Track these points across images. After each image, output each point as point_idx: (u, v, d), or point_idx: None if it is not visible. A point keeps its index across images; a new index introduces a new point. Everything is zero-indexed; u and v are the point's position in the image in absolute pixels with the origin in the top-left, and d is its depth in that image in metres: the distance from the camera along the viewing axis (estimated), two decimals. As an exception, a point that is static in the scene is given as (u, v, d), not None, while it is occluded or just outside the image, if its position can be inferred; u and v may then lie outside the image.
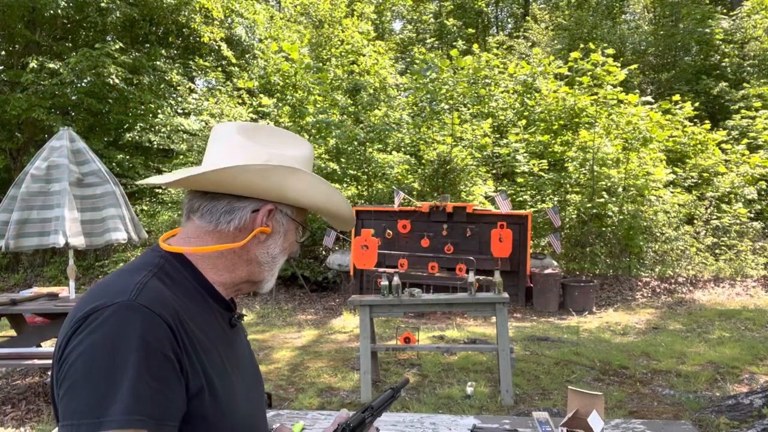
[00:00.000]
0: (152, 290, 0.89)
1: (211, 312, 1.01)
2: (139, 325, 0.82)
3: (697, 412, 4.07)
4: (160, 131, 12.26)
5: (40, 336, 5.06)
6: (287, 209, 1.06)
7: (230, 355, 1.01)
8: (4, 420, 4.25)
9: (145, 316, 0.84)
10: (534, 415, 1.91)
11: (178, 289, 0.95)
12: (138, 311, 0.84)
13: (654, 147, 10.67)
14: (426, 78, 12.48)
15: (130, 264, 0.98)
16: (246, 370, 1.07)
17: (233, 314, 1.07)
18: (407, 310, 4.93)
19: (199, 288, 1.00)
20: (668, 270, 10.12)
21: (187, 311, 0.93)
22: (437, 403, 4.43)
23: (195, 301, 0.97)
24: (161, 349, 0.83)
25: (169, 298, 0.90)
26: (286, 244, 1.07)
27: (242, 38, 14.96)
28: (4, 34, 12.95)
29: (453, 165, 10.49)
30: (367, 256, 7.45)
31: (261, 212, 1.02)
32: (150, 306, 0.85)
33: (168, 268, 0.97)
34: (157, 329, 0.84)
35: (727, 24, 15.69)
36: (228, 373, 0.97)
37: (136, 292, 0.86)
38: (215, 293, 1.02)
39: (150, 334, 0.83)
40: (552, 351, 5.90)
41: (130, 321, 0.82)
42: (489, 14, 24.15)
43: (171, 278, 0.96)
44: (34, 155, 5.08)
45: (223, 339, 1.01)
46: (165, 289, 0.91)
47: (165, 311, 0.86)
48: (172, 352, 0.85)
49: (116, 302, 0.84)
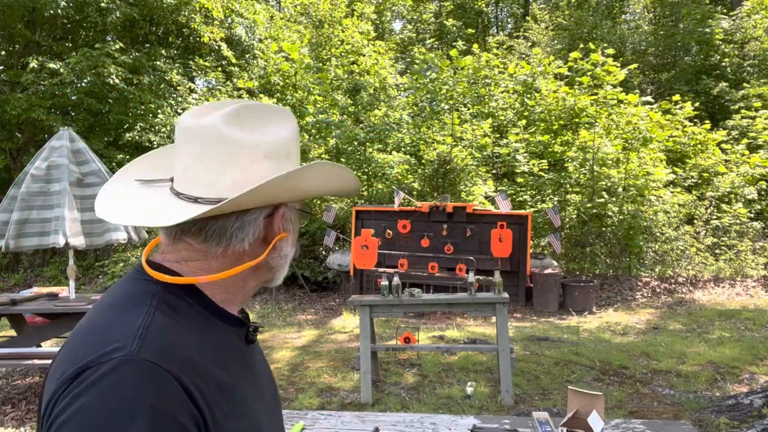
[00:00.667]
0: (158, 336, 0.74)
1: (225, 336, 0.87)
2: (145, 387, 0.68)
3: (697, 412, 4.07)
4: (160, 131, 12.26)
5: (40, 336, 5.07)
6: (296, 203, 0.94)
7: (250, 380, 0.89)
8: (4, 420, 4.25)
9: (152, 375, 0.69)
10: (534, 415, 1.91)
11: (182, 320, 0.80)
12: (143, 369, 0.69)
13: (654, 147, 10.68)
14: (426, 78, 12.49)
15: (121, 293, 0.82)
16: (265, 391, 0.95)
17: (248, 329, 0.94)
18: (407, 310, 4.93)
19: (206, 313, 0.85)
20: (668, 270, 10.12)
21: (201, 350, 0.79)
22: (437, 403, 4.43)
23: (206, 331, 0.83)
24: (173, 414, 0.68)
25: (178, 341, 0.76)
26: (294, 236, 0.94)
27: (242, 38, 14.96)
28: (4, 34, 12.95)
29: (453, 165, 10.50)
30: (367, 256, 7.46)
31: (276, 218, 0.89)
32: (157, 360, 0.70)
33: (167, 296, 0.81)
34: (168, 391, 0.69)
35: (727, 24, 15.70)
36: (252, 407, 0.86)
37: (138, 342, 0.71)
38: (223, 312, 0.87)
39: (158, 397, 0.68)
40: (552, 351, 5.90)
41: (132, 382, 0.68)
42: (489, 14, 24.15)
43: (174, 309, 0.80)
44: (34, 155, 5.09)
45: (242, 364, 0.89)
46: (171, 329, 0.77)
47: (176, 364, 0.71)
48: (188, 415, 0.70)
49: (114, 357, 0.69)
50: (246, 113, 0.86)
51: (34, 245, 4.70)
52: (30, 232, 4.68)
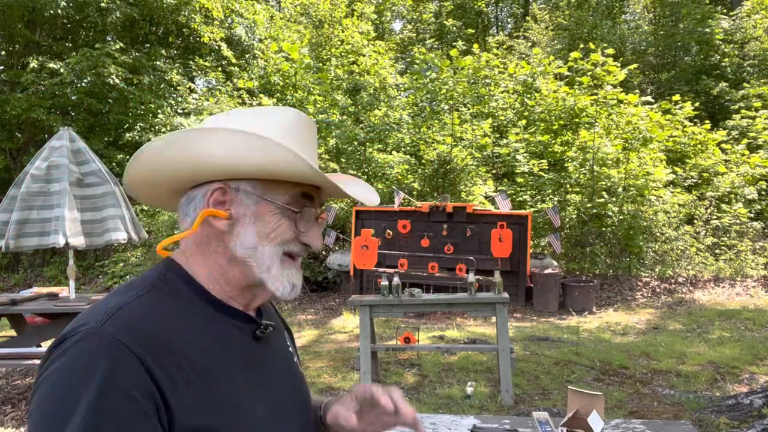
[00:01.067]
0: (130, 315, 0.77)
1: (223, 328, 0.87)
2: (100, 358, 0.71)
3: (697, 412, 4.07)
4: (160, 131, 12.26)
5: (40, 336, 5.07)
6: (246, 185, 0.87)
7: (251, 375, 0.88)
8: (4, 420, 4.25)
9: (106, 347, 0.72)
10: (534, 415, 1.91)
11: (175, 308, 0.83)
12: (101, 341, 0.72)
13: (654, 147, 10.68)
14: (426, 78, 12.49)
15: (132, 279, 0.88)
16: (276, 389, 0.93)
17: (257, 325, 0.93)
18: (407, 310, 4.93)
19: (201, 302, 0.87)
20: (668, 270, 10.12)
21: (184, 334, 0.81)
22: (437, 403, 4.43)
23: (198, 319, 0.85)
24: (123, 388, 0.70)
25: (149, 322, 0.78)
26: (264, 229, 0.87)
27: (242, 38, 14.96)
28: (4, 34, 12.96)
29: (453, 165, 10.50)
30: (367, 256, 7.45)
31: (207, 194, 0.87)
32: (117, 334, 0.73)
33: (164, 285, 0.85)
34: (122, 363, 0.71)
35: (727, 24, 15.70)
36: (241, 397, 0.84)
37: (106, 318, 0.75)
38: (222, 304, 0.89)
39: (111, 369, 0.70)
40: (552, 351, 5.90)
41: (90, 352, 0.72)
42: (489, 14, 24.15)
43: (168, 296, 0.84)
44: (34, 155, 5.08)
45: (242, 357, 0.88)
46: (150, 312, 0.79)
47: (135, 339, 0.74)
48: (140, 390, 0.71)
49: (83, 329, 0.74)
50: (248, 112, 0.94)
51: (34, 245, 4.70)
52: (30, 232, 4.68)
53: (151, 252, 10.69)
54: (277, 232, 0.88)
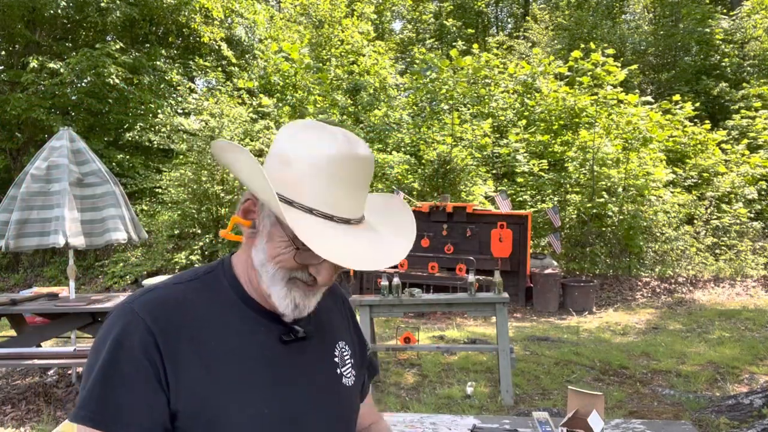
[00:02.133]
0: (155, 295, 0.90)
1: (248, 323, 0.92)
2: (118, 327, 0.85)
3: (697, 412, 4.07)
4: (160, 131, 12.26)
5: (40, 336, 5.06)
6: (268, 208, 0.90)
7: (266, 374, 0.91)
8: (4, 420, 4.25)
9: (126, 318, 0.86)
10: (534, 415, 1.91)
11: (210, 300, 0.92)
12: (124, 314, 0.86)
13: (654, 147, 10.68)
14: (426, 78, 12.49)
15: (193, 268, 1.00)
16: (298, 394, 0.93)
17: (288, 329, 0.94)
18: (407, 310, 4.93)
19: (235, 297, 0.94)
20: (668, 270, 10.12)
21: (204, 321, 0.89)
22: (437, 403, 4.43)
23: (229, 313, 0.92)
24: (132, 351, 0.83)
25: (176, 308, 0.89)
26: (272, 251, 0.88)
27: (242, 38, 14.96)
28: (4, 34, 12.95)
29: (453, 165, 10.50)
30: (367, 256, 7.42)
31: (241, 202, 0.94)
32: (137, 309, 0.86)
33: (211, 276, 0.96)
34: (134, 332, 0.84)
35: (727, 24, 15.70)
36: (243, 391, 0.87)
37: (138, 296, 0.89)
38: (253, 302, 0.94)
39: (125, 336, 0.84)
40: (552, 351, 5.90)
41: (114, 323, 0.86)
42: (489, 14, 24.16)
43: (209, 286, 0.94)
44: (34, 155, 5.08)
45: (264, 356, 0.91)
46: (179, 299, 0.90)
47: (151, 316, 0.85)
48: (147, 357, 0.83)
49: (120, 304, 0.89)
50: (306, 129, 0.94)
51: (34, 245, 4.69)
52: (30, 232, 4.68)
53: (151, 252, 10.69)
54: (283, 260, 0.88)
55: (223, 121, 11.03)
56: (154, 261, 10.32)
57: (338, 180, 0.85)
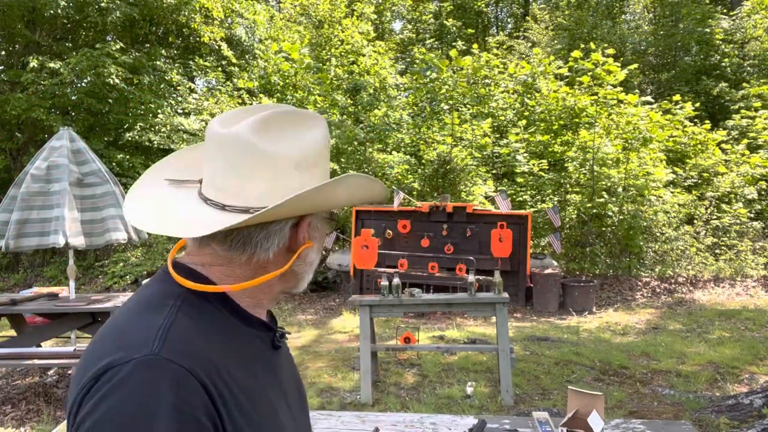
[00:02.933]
0: (179, 336, 0.73)
1: (251, 341, 0.86)
2: (167, 387, 0.67)
3: (697, 412, 4.07)
4: (160, 131, 12.26)
5: (40, 336, 5.07)
6: (324, 212, 0.93)
7: (275, 387, 0.88)
8: (4, 420, 4.25)
9: (173, 375, 0.68)
10: (534, 415, 1.91)
11: (206, 322, 0.79)
12: (164, 369, 0.68)
13: (654, 147, 10.68)
14: (426, 78, 12.50)
15: (147, 294, 0.82)
16: (292, 398, 0.94)
17: (275, 333, 0.92)
18: (407, 310, 4.93)
19: (231, 317, 0.84)
20: (668, 270, 10.12)
21: (225, 352, 0.78)
22: (437, 403, 4.43)
23: (231, 335, 0.82)
24: (194, 414, 0.68)
25: (200, 342, 0.75)
26: (320, 244, 0.95)
27: (242, 38, 14.96)
28: (4, 34, 12.95)
29: (453, 165, 10.50)
30: (367, 256, 7.46)
31: (302, 228, 0.88)
32: (178, 360, 0.70)
33: (191, 298, 0.80)
34: (189, 390, 0.68)
35: (727, 24, 15.71)
36: (277, 413, 0.84)
37: (159, 343, 0.71)
38: (249, 316, 0.87)
39: (180, 397, 0.67)
40: (552, 351, 5.90)
41: (154, 382, 0.67)
42: (489, 14, 24.16)
43: (197, 309, 0.80)
44: (34, 155, 5.09)
45: (268, 369, 0.88)
46: (193, 330, 0.76)
47: (197, 364, 0.71)
48: (208, 416, 0.69)
49: (135, 357, 0.69)
50: (275, 120, 0.85)
51: (34, 245, 4.70)
52: (30, 232, 4.68)
53: (151, 252, 10.69)
54: (322, 243, 0.97)
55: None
56: (154, 261, 10.33)
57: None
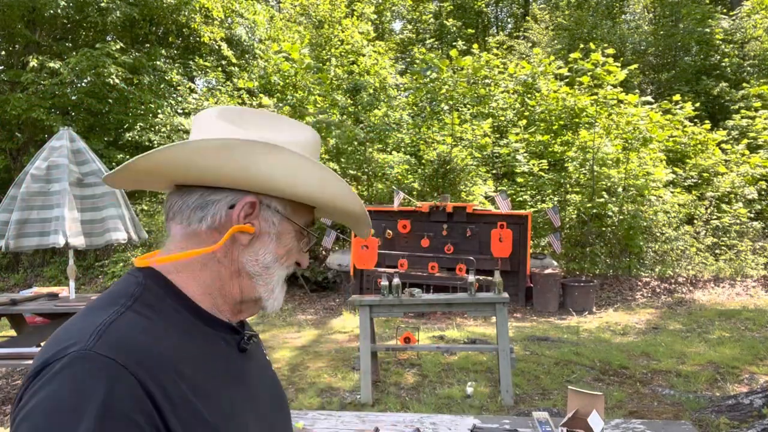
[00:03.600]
0: (118, 333, 0.71)
1: (211, 342, 0.84)
2: (97, 383, 0.65)
3: (697, 412, 4.07)
4: (160, 131, 12.26)
5: (40, 336, 5.07)
6: (277, 204, 0.86)
7: (241, 390, 0.85)
8: (4, 420, 4.25)
9: (103, 370, 0.66)
10: (534, 415, 1.91)
11: (161, 322, 0.77)
12: (94, 362, 0.66)
13: (654, 147, 10.68)
14: (426, 78, 12.50)
15: (104, 296, 0.80)
16: (262, 402, 0.91)
17: (242, 336, 0.89)
18: (407, 310, 4.93)
19: (190, 317, 0.82)
20: (668, 270, 10.12)
21: (176, 351, 0.76)
22: (437, 403, 4.43)
23: (187, 334, 0.80)
24: (124, 411, 0.65)
25: (145, 339, 0.73)
26: (281, 250, 0.86)
27: (242, 38, 14.96)
28: (4, 34, 12.96)
29: (453, 165, 10.50)
30: (367, 256, 7.46)
31: (238, 206, 0.83)
32: (111, 355, 0.67)
33: (147, 296, 0.79)
34: (120, 385, 0.66)
35: (727, 24, 15.71)
36: (236, 415, 0.81)
37: (95, 338, 0.69)
38: (211, 317, 0.85)
39: (110, 393, 0.65)
40: (552, 351, 5.90)
41: (83, 376, 0.65)
42: (489, 14, 24.16)
43: (152, 309, 0.78)
44: (34, 155, 5.09)
45: (231, 371, 0.85)
46: (140, 328, 0.74)
47: (133, 360, 0.69)
48: (142, 413, 0.67)
49: (69, 352, 0.67)
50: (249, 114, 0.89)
51: (34, 245, 4.70)
52: (30, 232, 4.69)
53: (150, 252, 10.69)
54: (292, 255, 0.90)
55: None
56: (154, 261, 10.32)
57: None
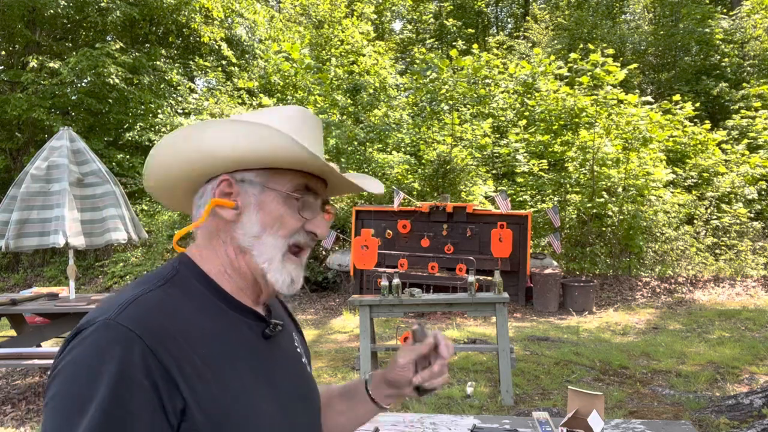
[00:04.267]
0: (141, 306, 0.79)
1: (235, 325, 0.89)
2: (115, 353, 0.72)
3: (697, 412, 4.07)
4: (161, 131, 12.26)
5: (40, 336, 5.07)
6: (252, 175, 0.90)
7: (261, 373, 0.89)
8: (4, 420, 4.25)
9: (119, 338, 0.74)
10: (534, 415, 1.91)
11: (189, 303, 0.85)
12: (114, 331, 0.74)
13: (654, 147, 10.68)
14: (426, 78, 12.50)
15: (144, 276, 0.89)
16: (284, 391, 0.93)
17: (266, 324, 0.94)
18: (407, 310, 4.93)
19: (217, 301, 0.88)
20: (668, 270, 10.12)
21: (195, 328, 0.82)
22: (437, 403, 4.43)
23: (209, 315, 0.86)
24: (136, 377, 0.72)
25: (162, 315, 0.80)
26: (267, 218, 0.89)
27: (242, 38, 14.97)
28: (4, 34, 12.96)
29: (453, 165, 10.50)
30: (367, 256, 7.46)
31: (213, 186, 0.91)
32: (129, 325, 0.75)
33: (178, 279, 0.87)
34: (135, 353, 0.73)
35: (727, 24, 15.70)
36: (247, 395, 0.84)
37: (120, 309, 0.77)
38: (234, 302, 0.90)
39: (124, 359, 0.72)
40: (552, 351, 5.90)
41: (104, 342, 0.74)
42: (489, 14, 24.16)
43: (181, 290, 0.86)
44: (34, 155, 5.08)
45: (251, 355, 0.89)
46: (162, 305, 0.81)
47: (146, 330, 0.75)
48: (151, 378, 0.73)
49: (99, 320, 0.76)
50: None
51: (34, 245, 4.70)
52: (30, 232, 4.68)
53: (151, 252, 10.69)
54: (282, 222, 0.90)
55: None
56: (154, 261, 10.33)
57: (311, 133, 0.95)
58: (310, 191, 0.93)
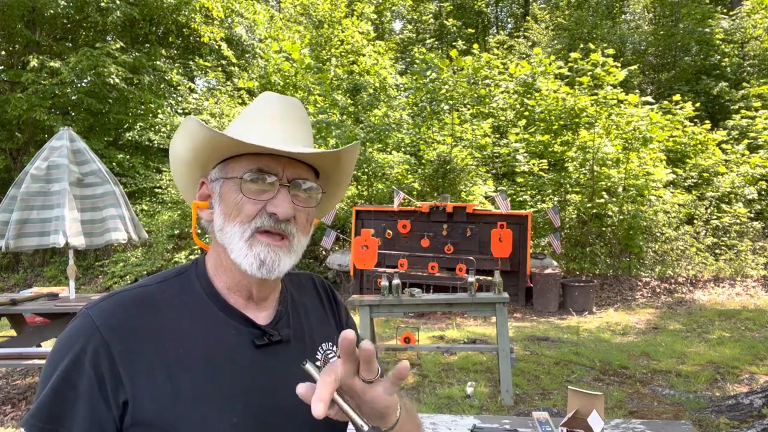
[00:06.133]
0: (113, 301, 0.86)
1: (223, 329, 0.88)
2: (78, 338, 0.82)
3: (697, 412, 4.07)
4: (160, 131, 12.26)
5: (40, 336, 5.06)
6: (216, 172, 0.92)
7: (242, 381, 0.86)
8: (4, 420, 4.25)
9: (84, 328, 0.82)
10: (534, 415, 1.91)
11: (179, 300, 0.88)
12: (83, 321, 0.83)
13: (654, 147, 10.68)
14: (426, 78, 12.50)
15: (166, 269, 0.97)
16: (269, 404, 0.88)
17: (263, 332, 0.91)
18: (407, 310, 4.93)
19: (207, 299, 0.90)
20: (668, 270, 10.12)
21: (173, 327, 0.85)
22: (437, 403, 4.43)
23: (199, 316, 0.88)
24: (84, 362, 0.80)
25: (133, 310, 0.85)
26: (226, 209, 0.89)
27: (242, 38, 14.97)
28: (4, 33, 12.95)
29: (453, 165, 10.50)
30: (367, 256, 7.45)
31: (198, 189, 0.97)
32: (94, 317, 0.83)
33: (185, 276, 0.93)
34: (88, 341, 0.81)
35: (727, 24, 15.70)
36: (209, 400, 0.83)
37: (98, 302, 0.86)
38: (227, 305, 0.90)
39: (78, 344, 0.81)
40: (552, 351, 5.90)
41: (74, 330, 0.83)
42: (489, 14, 24.15)
43: (181, 287, 0.91)
44: (34, 155, 5.08)
45: (234, 362, 0.87)
46: (142, 302, 0.86)
47: (107, 324, 0.82)
48: (96, 367, 0.80)
49: (83, 309, 0.86)
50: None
51: (34, 245, 4.69)
52: (30, 232, 4.68)
53: (151, 252, 10.69)
54: (239, 208, 0.88)
55: (223, 121, 11.03)
56: (154, 261, 10.33)
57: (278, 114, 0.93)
58: (264, 172, 0.89)
